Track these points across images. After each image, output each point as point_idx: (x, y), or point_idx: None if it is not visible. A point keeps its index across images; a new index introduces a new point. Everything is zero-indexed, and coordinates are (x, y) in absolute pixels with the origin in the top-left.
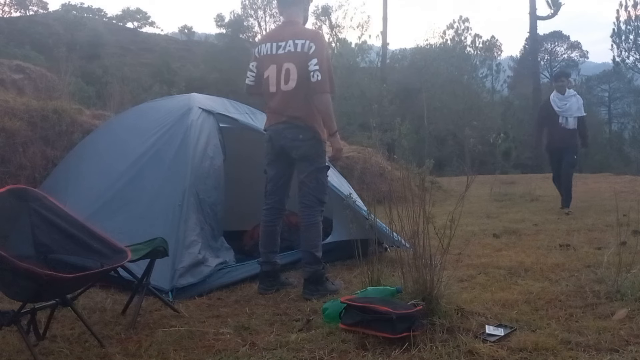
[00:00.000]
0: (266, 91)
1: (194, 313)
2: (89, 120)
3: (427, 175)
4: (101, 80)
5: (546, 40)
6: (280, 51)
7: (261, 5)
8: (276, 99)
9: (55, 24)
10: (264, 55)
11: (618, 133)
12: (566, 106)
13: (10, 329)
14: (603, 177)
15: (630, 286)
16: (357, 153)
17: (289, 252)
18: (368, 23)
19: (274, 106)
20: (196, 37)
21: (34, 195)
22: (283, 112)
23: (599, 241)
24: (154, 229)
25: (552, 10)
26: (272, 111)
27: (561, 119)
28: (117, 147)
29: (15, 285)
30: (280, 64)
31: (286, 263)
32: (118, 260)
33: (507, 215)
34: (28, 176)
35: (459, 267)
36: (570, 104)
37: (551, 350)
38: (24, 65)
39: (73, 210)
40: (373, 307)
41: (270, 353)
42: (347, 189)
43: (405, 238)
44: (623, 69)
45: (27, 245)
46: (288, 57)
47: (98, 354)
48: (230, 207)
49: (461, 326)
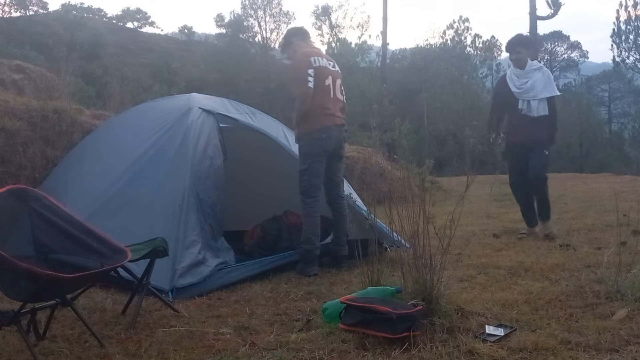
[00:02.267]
0: (328, 96)
1: (194, 313)
2: (89, 120)
3: (427, 175)
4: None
5: (546, 40)
6: (332, 68)
7: (261, 5)
8: (337, 105)
9: (55, 24)
10: (321, 67)
11: (618, 133)
12: (527, 85)
13: (10, 329)
14: (603, 177)
15: (630, 286)
16: (357, 153)
17: (289, 252)
18: (368, 23)
19: (334, 111)
20: (196, 37)
21: (34, 195)
22: (342, 117)
23: (599, 241)
24: (154, 229)
25: (552, 10)
26: (331, 114)
27: (521, 104)
28: (117, 147)
29: (15, 285)
30: (335, 78)
31: (285, 263)
32: (118, 260)
33: (507, 215)
34: (28, 176)
35: (459, 267)
36: (533, 82)
37: (551, 350)
38: (24, 65)
39: (73, 210)
40: (373, 307)
41: (270, 353)
42: (347, 189)
43: (405, 238)
44: (623, 69)
45: (27, 245)
46: (338, 75)
47: (98, 354)
48: (230, 207)
49: (461, 326)
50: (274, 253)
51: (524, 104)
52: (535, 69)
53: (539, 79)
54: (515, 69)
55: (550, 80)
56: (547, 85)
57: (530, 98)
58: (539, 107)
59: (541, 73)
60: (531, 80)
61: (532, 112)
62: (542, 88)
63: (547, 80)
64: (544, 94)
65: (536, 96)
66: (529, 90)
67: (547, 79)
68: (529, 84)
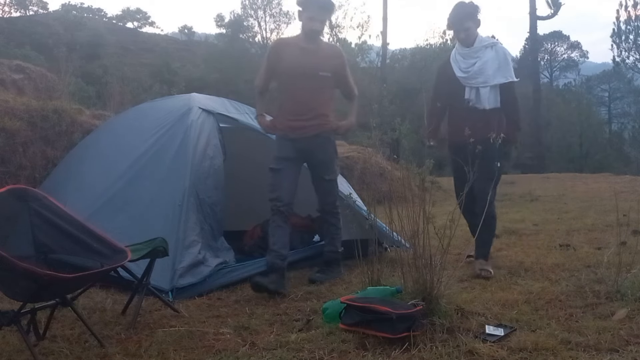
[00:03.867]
0: None
1: (194, 313)
2: (89, 120)
3: (427, 175)
4: (101, 80)
5: (546, 40)
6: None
7: (261, 5)
8: None
9: (55, 24)
10: None
11: (618, 133)
12: (474, 67)
13: (10, 329)
14: (603, 177)
15: (630, 286)
16: (357, 153)
17: (289, 252)
18: (368, 23)
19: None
20: (196, 37)
21: (34, 195)
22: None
23: (599, 241)
24: (154, 229)
25: (552, 10)
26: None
27: (468, 92)
28: (117, 147)
29: (15, 285)
30: None
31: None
32: (118, 260)
33: (507, 215)
34: (28, 176)
35: (459, 267)
36: (482, 64)
37: (551, 350)
38: (24, 65)
39: (73, 210)
40: (373, 307)
41: (270, 353)
42: (347, 189)
43: (405, 238)
44: (623, 69)
45: (27, 245)
46: None
47: (98, 354)
48: (230, 207)
49: (461, 326)
50: None
51: (472, 92)
52: (487, 46)
53: (491, 59)
54: (461, 47)
55: (506, 60)
56: (502, 67)
57: (479, 85)
58: (490, 96)
59: (494, 51)
60: (480, 61)
61: (482, 103)
62: (494, 71)
63: (502, 60)
64: (497, 78)
65: (487, 82)
66: (477, 75)
67: (502, 60)
68: (477, 66)
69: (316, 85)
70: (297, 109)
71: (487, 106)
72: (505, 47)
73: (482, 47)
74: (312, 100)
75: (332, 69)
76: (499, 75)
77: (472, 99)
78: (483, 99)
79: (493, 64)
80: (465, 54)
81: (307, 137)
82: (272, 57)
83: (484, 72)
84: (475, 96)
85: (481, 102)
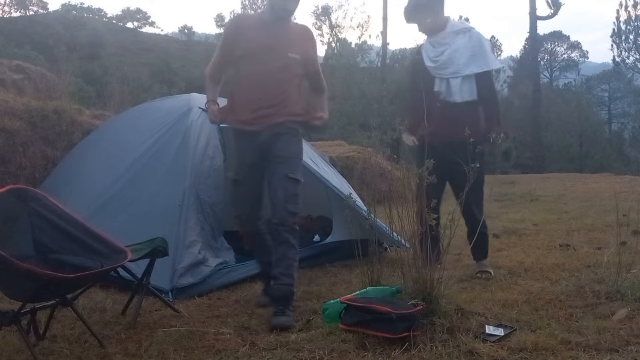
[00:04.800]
0: None
1: (194, 313)
2: (89, 120)
3: (427, 175)
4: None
5: (546, 40)
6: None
7: (261, 5)
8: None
9: (55, 24)
10: None
11: (618, 133)
12: (443, 56)
13: (10, 329)
14: (603, 177)
15: (630, 286)
16: (357, 153)
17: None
18: (368, 23)
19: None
20: (196, 37)
21: (34, 195)
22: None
23: (599, 241)
24: (154, 229)
25: (552, 10)
26: None
27: (437, 84)
28: (117, 147)
29: (15, 285)
30: None
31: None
32: (118, 260)
33: (507, 215)
34: (28, 176)
35: (459, 267)
36: (452, 52)
37: (551, 350)
38: (24, 65)
39: (73, 210)
40: (373, 307)
41: (270, 353)
42: (347, 189)
43: (405, 238)
44: (623, 69)
45: (27, 245)
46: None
47: (98, 354)
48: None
49: (461, 326)
50: None
51: (442, 84)
52: (458, 32)
53: (463, 46)
54: (432, 36)
55: (481, 47)
56: (477, 55)
57: (449, 75)
58: (463, 88)
59: (467, 37)
60: (450, 48)
61: (454, 95)
62: (467, 60)
63: (477, 47)
64: (470, 68)
65: (458, 72)
66: (447, 64)
67: (477, 46)
68: (446, 54)
69: (284, 68)
70: (259, 96)
71: (458, 99)
72: (482, 34)
73: (452, 33)
74: (278, 86)
75: (303, 51)
76: (472, 65)
77: (443, 91)
78: (454, 91)
79: (465, 51)
80: (434, 41)
81: (270, 127)
82: (230, 34)
83: (455, 61)
84: (445, 88)
85: (452, 95)
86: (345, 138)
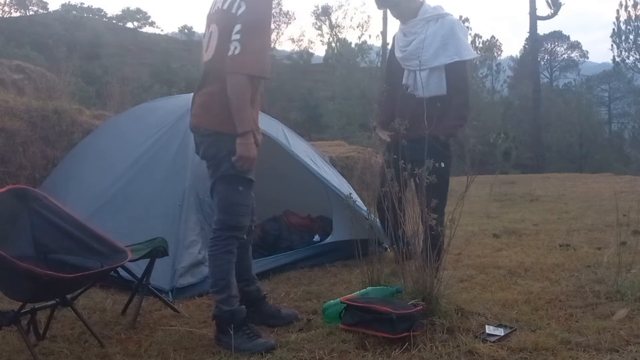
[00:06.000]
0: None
1: (194, 313)
2: (89, 120)
3: (427, 175)
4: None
5: (546, 40)
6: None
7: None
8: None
9: (55, 24)
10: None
11: (618, 133)
12: (411, 46)
13: (10, 329)
14: (603, 177)
15: (630, 286)
16: (357, 153)
17: (288, 252)
18: (368, 23)
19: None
20: (196, 37)
21: (34, 195)
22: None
23: (599, 241)
24: (154, 229)
25: (552, 10)
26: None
27: (405, 77)
28: (117, 147)
29: (15, 285)
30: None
31: (285, 263)
32: (118, 260)
33: (507, 215)
34: (28, 176)
35: (459, 267)
36: (420, 42)
37: (551, 350)
38: (24, 65)
39: (73, 210)
40: (373, 307)
41: (270, 353)
42: (347, 189)
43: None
44: (623, 69)
45: (27, 245)
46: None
47: (98, 354)
48: None
49: (461, 326)
50: (274, 253)
51: (410, 76)
52: (429, 19)
53: (432, 35)
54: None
55: (454, 36)
56: (449, 44)
57: (416, 67)
58: (430, 81)
59: (439, 24)
60: (418, 37)
61: (419, 90)
62: (436, 50)
63: (449, 36)
64: (439, 59)
65: (425, 64)
66: (415, 55)
67: (449, 35)
68: (413, 44)
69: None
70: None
71: (424, 94)
72: (457, 20)
73: (423, 21)
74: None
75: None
76: (442, 55)
77: (410, 84)
78: (419, 85)
79: (434, 40)
80: (406, 29)
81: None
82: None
83: (422, 51)
84: (411, 81)
85: (417, 89)
86: (345, 138)
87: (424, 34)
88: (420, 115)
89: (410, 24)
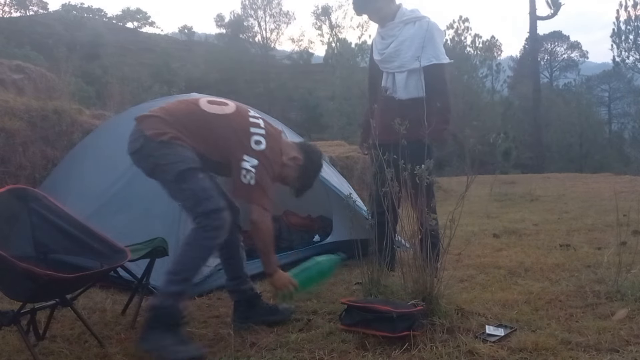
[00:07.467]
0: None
1: (194, 313)
2: (89, 120)
3: (426, 175)
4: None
5: (546, 40)
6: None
7: (261, 5)
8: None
9: (55, 24)
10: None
11: (618, 133)
12: (389, 49)
13: (10, 329)
14: (603, 177)
15: (630, 286)
16: (357, 153)
17: (288, 252)
18: (368, 23)
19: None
20: (196, 37)
21: (34, 195)
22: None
23: (599, 241)
24: (154, 229)
25: (552, 10)
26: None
27: (384, 79)
28: (117, 147)
29: (15, 285)
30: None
31: (285, 263)
32: (118, 260)
33: (507, 215)
34: (28, 176)
35: (459, 267)
36: (398, 44)
37: (551, 350)
38: (24, 65)
39: (73, 210)
40: (373, 306)
41: (270, 353)
42: (347, 189)
43: (405, 238)
44: (623, 69)
45: (27, 245)
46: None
47: (98, 354)
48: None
49: (461, 326)
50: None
51: (388, 79)
52: (407, 22)
53: (410, 37)
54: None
55: (431, 38)
56: (427, 47)
57: (394, 70)
58: (408, 84)
59: (417, 26)
60: (397, 40)
61: (398, 92)
62: (415, 52)
63: (427, 38)
64: (417, 61)
65: (403, 66)
66: (393, 57)
67: (427, 37)
68: (392, 46)
69: None
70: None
71: (403, 96)
72: (436, 23)
73: (400, 23)
74: None
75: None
76: (421, 57)
77: (389, 87)
78: (398, 87)
79: (412, 43)
80: (383, 32)
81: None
82: None
83: (401, 53)
84: (391, 83)
85: (396, 91)
86: (345, 138)
87: (402, 37)
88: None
89: (389, 26)
